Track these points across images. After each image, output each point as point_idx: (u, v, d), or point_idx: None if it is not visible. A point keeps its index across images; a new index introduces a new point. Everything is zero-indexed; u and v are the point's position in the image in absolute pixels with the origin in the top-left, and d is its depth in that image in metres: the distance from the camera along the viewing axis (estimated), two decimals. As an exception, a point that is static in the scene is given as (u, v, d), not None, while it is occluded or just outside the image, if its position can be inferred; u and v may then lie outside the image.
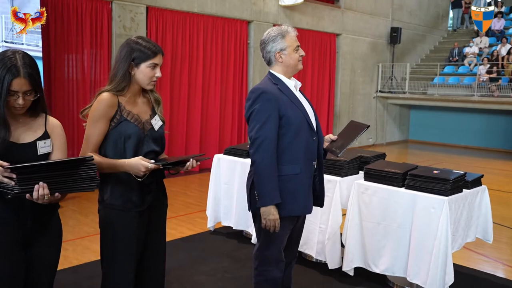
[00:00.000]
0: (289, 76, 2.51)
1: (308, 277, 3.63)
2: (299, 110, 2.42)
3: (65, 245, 4.10)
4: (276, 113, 2.34)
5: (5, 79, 1.74)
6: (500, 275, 3.88)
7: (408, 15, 13.41)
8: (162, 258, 2.31)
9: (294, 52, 2.46)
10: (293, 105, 2.41)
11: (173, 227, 4.78)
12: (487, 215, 3.56)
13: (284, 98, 2.40)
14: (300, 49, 2.51)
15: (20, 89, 1.76)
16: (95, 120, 2.04)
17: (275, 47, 2.45)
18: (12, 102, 1.78)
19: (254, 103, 2.37)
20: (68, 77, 6.47)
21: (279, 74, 2.49)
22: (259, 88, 2.40)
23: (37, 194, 1.67)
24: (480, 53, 13.17)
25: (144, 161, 2.00)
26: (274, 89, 2.40)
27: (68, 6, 6.35)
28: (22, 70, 1.76)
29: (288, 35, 2.46)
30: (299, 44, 2.50)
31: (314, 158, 2.50)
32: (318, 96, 10.63)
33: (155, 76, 2.11)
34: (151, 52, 2.08)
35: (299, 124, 2.39)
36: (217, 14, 8.23)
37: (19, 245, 1.86)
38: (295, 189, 2.41)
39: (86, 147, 2.06)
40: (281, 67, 2.48)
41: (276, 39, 2.45)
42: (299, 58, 2.49)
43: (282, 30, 2.46)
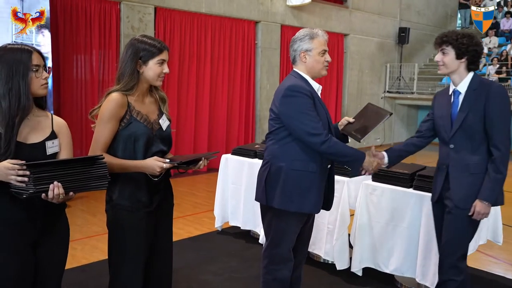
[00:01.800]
0: (313, 78, 2.53)
1: (316, 277, 3.62)
2: (324, 111, 2.46)
3: (73, 244, 4.15)
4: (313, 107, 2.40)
5: (22, 57, 1.79)
6: (510, 277, 3.84)
7: (416, 15, 13.34)
8: (169, 258, 2.32)
9: (319, 55, 2.47)
10: (319, 105, 2.44)
11: (181, 227, 4.79)
12: (497, 216, 3.53)
13: (315, 94, 2.46)
14: (327, 55, 2.50)
15: (40, 62, 1.84)
16: (106, 120, 2.04)
17: (301, 46, 2.48)
18: (37, 80, 1.82)
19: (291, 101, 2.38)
20: (77, 77, 6.51)
21: (304, 74, 2.50)
22: (296, 86, 2.40)
23: (52, 193, 1.69)
24: (489, 53, 13.07)
25: (159, 161, 2.01)
26: (307, 87, 2.43)
27: (77, 7, 6.39)
28: (32, 48, 1.84)
29: (317, 38, 2.47)
30: (326, 49, 2.50)
31: (330, 160, 2.52)
32: (325, 96, 10.60)
33: (163, 72, 2.12)
34: (157, 48, 2.09)
35: (323, 126, 2.40)
36: (225, 14, 8.25)
37: (29, 245, 1.87)
38: (309, 186, 2.42)
39: (96, 147, 2.05)
40: (305, 67, 2.50)
41: (304, 38, 2.48)
42: (324, 63, 2.49)
43: (312, 32, 2.49)
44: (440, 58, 2.53)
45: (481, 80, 2.52)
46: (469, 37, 2.50)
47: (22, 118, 1.79)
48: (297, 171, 2.41)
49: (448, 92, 2.61)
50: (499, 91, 2.46)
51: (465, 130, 2.47)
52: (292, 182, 2.41)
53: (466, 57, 2.49)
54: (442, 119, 2.60)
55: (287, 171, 2.42)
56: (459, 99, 2.54)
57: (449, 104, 2.58)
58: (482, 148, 2.48)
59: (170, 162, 2.03)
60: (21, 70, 1.78)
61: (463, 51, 2.47)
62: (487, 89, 2.45)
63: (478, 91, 2.47)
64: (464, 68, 2.52)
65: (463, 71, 2.53)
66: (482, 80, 2.54)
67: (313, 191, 2.44)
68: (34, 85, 1.82)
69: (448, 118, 2.56)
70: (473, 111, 2.46)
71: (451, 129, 2.53)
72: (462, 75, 2.53)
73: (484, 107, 2.43)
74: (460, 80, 2.53)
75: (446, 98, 2.61)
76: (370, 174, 2.54)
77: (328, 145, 2.34)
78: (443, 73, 2.56)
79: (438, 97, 2.70)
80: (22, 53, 1.80)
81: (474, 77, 2.53)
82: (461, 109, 2.50)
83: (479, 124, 2.45)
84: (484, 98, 2.43)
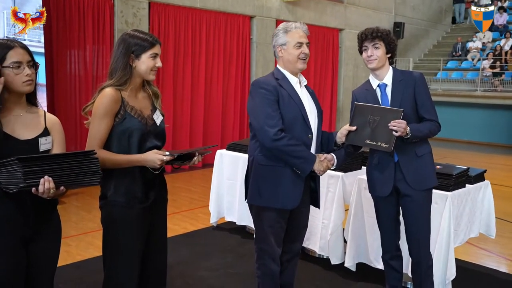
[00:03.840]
0: (292, 72, 2.50)
1: (311, 272, 3.64)
2: (296, 106, 2.41)
3: (68, 241, 4.15)
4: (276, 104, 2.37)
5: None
6: (503, 270, 3.88)
7: (411, 10, 13.34)
8: (164, 253, 2.32)
9: (294, 48, 2.43)
10: (291, 100, 2.41)
11: (176, 223, 4.80)
12: (490, 210, 3.55)
13: (283, 92, 2.41)
14: (304, 47, 2.45)
15: (22, 58, 1.79)
16: (101, 116, 2.02)
17: (277, 41, 2.49)
18: (19, 78, 1.78)
19: (254, 97, 2.42)
20: (71, 73, 6.48)
21: (282, 69, 2.51)
22: (259, 82, 2.45)
23: (43, 187, 1.68)
24: (483, 47, 13.11)
25: (159, 154, 2.02)
26: (273, 82, 2.42)
27: (70, 2, 6.35)
28: (16, 42, 1.81)
29: (291, 31, 2.44)
30: (303, 42, 2.44)
31: None
32: (320, 91, 10.61)
33: (156, 66, 2.11)
34: (149, 42, 2.09)
35: (292, 120, 2.39)
36: (220, 9, 8.21)
37: (21, 242, 1.86)
38: (279, 181, 2.41)
39: (93, 144, 2.03)
40: (283, 62, 2.50)
41: (278, 33, 2.49)
42: (299, 56, 2.44)
43: (286, 26, 2.47)
44: (373, 52, 2.61)
45: (401, 71, 2.69)
46: (392, 34, 2.69)
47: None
48: (264, 166, 2.42)
49: (371, 88, 2.70)
50: (422, 78, 2.66)
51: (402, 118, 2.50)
52: (261, 177, 2.43)
53: (391, 52, 2.66)
54: None
55: (256, 166, 2.45)
56: (387, 92, 2.64)
57: (375, 98, 2.66)
58: None
59: (170, 155, 2.04)
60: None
61: (392, 47, 2.64)
62: (412, 78, 2.62)
63: (404, 82, 2.62)
64: (388, 62, 2.68)
65: (387, 65, 2.68)
66: (402, 71, 2.69)
67: (286, 186, 2.41)
68: (15, 82, 1.78)
69: None
70: (405, 100, 2.59)
71: None
72: (386, 69, 2.67)
73: (414, 94, 2.60)
74: (385, 74, 2.66)
75: (370, 94, 2.68)
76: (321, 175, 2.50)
77: (278, 143, 2.31)
78: (375, 67, 2.63)
79: (359, 95, 2.74)
80: (2, 48, 1.76)
81: (394, 70, 2.69)
82: (393, 100, 2.61)
83: (411, 111, 2.58)
84: (413, 86, 2.60)
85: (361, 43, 2.65)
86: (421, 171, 2.63)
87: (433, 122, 2.63)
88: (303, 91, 2.53)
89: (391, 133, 2.45)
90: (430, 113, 2.64)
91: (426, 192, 2.67)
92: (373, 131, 2.52)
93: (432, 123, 2.62)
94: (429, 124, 2.61)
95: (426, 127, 2.60)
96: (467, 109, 12.29)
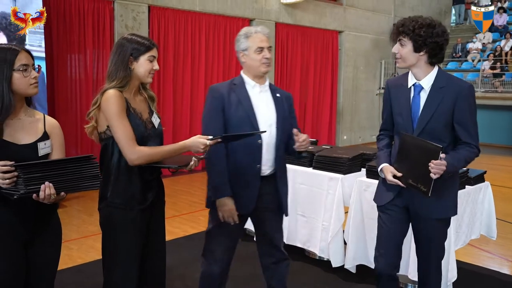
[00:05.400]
0: (253, 78, 2.46)
1: (311, 274, 3.63)
2: (244, 112, 2.39)
3: (69, 244, 4.15)
4: (219, 113, 2.39)
5: (7, 57, 1.78)
6: (505, 271, 3.86)
7: (411, 11, 13.34)
8: (163, 256, 2.32)
9: (255, 53, 2.39)
10: (239, 105, 2.39)
11: (177, 226, 4.80)
12: (491, 211, 3.55)
13: (233, 97, 2.40)
14: (265, 51, 2.40)
15: (29, 62, 1.83)
16: (120, 115, 2.00)
17: (239, 46, 2.45)
18: (27, 80, 1.82)
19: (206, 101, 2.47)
20: (71, 77, 6.50)
21: (244, 74, 2.49)
22: (210, 88, 2.48)
23: (43, 194, 1.69)
24: (483, 48, 13.12)
25: (202, 138, 2.07)
26: (224, 88, 2.43)
27: (70, 6, 6.37)
28: (19, 47, 1.85)
29: (252, 36, 2.40)
30: (264, 46, 2.40)
31: (257, 161, 2.43)
32: (320, 93, 10.62)
33: (153, 68, 2.12)
34: (147, 45, 2.10)
35: (239, 124, 2.37)
36: (219, 12, 8.23)
37: (21, 246, 1.86)
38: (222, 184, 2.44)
39: (128, 143, 1.99)
40: (245, 67, 2.48)
41: (240, 39, 2.44)
42: (262, 60, 2.40)
43: (247, 31, 2.43)
44: (398, 49, 2.24)
45: (449, 77, 2.24)
46: (428, 27, 2.15)
47: (4, 118, 1.78)
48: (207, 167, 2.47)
49: (406, 84, 2.30)
50: (471, 92, 2.21)
51: (429, 133, 2.20)
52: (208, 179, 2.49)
53: (425, 50, 2.18)
54: (401, 116, 2.31)
55: None
56: (420, 96, 2.25)
57: (408, 99, 2.28)
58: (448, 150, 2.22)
59: (213, 139, 2.08)
60: (4, 70, 1.77)
61: (421, 44, 2.16)
62: (457, 89, 2.18)
63: (445, 90, 2.19)
64: (425, 61, 2.22)
65: (425, 65, 2.23)
66: (450, 77, 2.25)
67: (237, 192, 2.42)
68: (23, 85, 1.82)
69: (409, 117, 2.28)
70: (439, 113, 2.18)
71: (413, 130, 2.26)
72: (424, 69, 2.23)
73: (454, 109, 2.17)
74: (423, 75, 2.24)
75: (404, 92, 2.30)
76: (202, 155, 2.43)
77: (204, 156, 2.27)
78: (402, 67, 2.26)
79: (393, 89, 2.37)
80: (7, 52, 1.79)
81: (439, 73, 2.24)
82: (424, 109, 2.22)
83: (443, 127, 2.20)
84: (454, 99, 2.17)
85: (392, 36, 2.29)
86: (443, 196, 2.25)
87: (472, 147, 2.20)
88: (263, 96, 2.48)
89: (429, 175, 2.07)
90: (470, 135, 2.20)
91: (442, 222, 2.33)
92: (414, 168, 2.18)
93: (470, 149, 2.20)
94: (467, 152, 2.19)
95: (463, 158, 2.18)
96: (468, 110, 12.26)
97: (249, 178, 2.44)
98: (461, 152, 2.19)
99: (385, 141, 2.47)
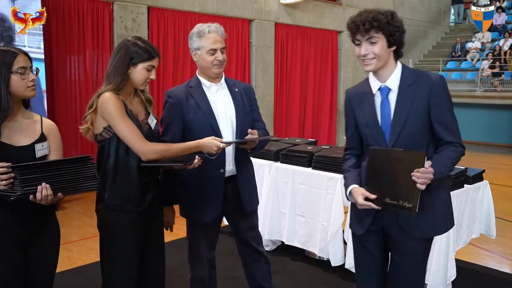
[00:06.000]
0: (208, 78, 2.41)
1: (311, 274, 3.64)
2: (203, 115, 2.34)
3: (69, 246, 4.15)
4: (178, 118, 2.35)
5: (5, 59, 1.78)
6: (505, 270, 3.87)
7: (410, 11, 13.36)
8: (162, 257, 2.33)
9: (207, 55, 2.33)
10: (198, 109, 2.35)
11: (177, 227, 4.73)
12: (489, 210, 3.55)
13: (191, 101, 2.36)
14: (218, 53, 2.33)
15: (27, 64, 1.83)
16: (121, 114, 2.00)
17: (191, 45, 2.39)
18: (25, 83, 1.82)
19: (163, 107, 2.42)
20: (70, 78, 6.51)
21: (199, 75, 2.46)
22: (167, 93, 2.43)
23: (40, 195, 1.69)
24: (482, 48, 13.12)
25: (216, 141, 2.10)
26: (181, 93, 2.38)
27: (70, 7, 6.38)
28: (18, 49, 1.85)
29: (205, 36, 2.32)
30: (216, 49, 2.32)
31: (221, 165, 2.39)
32: (320, 93, 10.63)
33: (149, 77, 2.11)
34: (149, 54, 2.08)
35: (200, 129, 2.30)
36: (218, 13, 8.24)
37: (19, 247, 1.87)
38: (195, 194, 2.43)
39: (138, 140, 1.99)
40: (198, 67, 2.43)
41: (192, 37, 2.37)
42: (213, 62, 2.33)
43: (200, 29, 2.35)
44: (369, 49, 1.88)
45: (416, 72, 1.98)
46: (396, 16, 1.93)
47: (1, 121, 1.79)
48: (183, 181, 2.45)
49: (370, 90, 1.99)
50: (443, 84, 1.93)
51: (408, 137, 1.90)
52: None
53: (396, 44, 1.92)
54: (369, 127, 1.98)
55: None
56: (389, 99, 1.94)
57: (374, 107, 1.97)
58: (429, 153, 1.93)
59: (226, 142, 2.13)
60: (3, 73, 1.77)
61: (397, 37, 1.90)
62: (428, 83, 1.90)
63: (415, 87, 1.91)
64: (393, 58, 1.95)
65: (392, 62, 1.95)
66: (416, 72, 1.99)
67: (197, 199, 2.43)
68: (20, 87, 1.82)
69: (378, 125, 1.95)
70: (414, 113, 1.89)
71: (388, 139, 1.93)
72: (390, 67, 1.95)
73: (429, 107, 1.89)
74: (389, 75, 1.94)
75: (368, 99, 1.99)
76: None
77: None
78: (375, 69, 1.92)
79: (355, 99, 2.05)
80: (5, 55, 1.79)
81: (404, 69, 1.97)
82: (397, 112, 1.91)
83: (420, 128, 1.91)
84: (428, 94, 1.89)
85: (353, 36, 1.96)
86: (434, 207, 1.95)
87: (456, 146, 1.92)
88: (220, 94, 2.44)
89: (414, 187, 1.79)
90: (452, 133, 1.92)
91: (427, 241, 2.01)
92: (392, 184, 1.87)
93: (455, 148, 1.91)
94: (452, 153, 1.90)
95: (449, 160, 1.90)
96: (467, 109, 12.29)
97: (212, 184, 2.40)
98: (446, 154, 1.90)
99: (352, 161, 2.12)
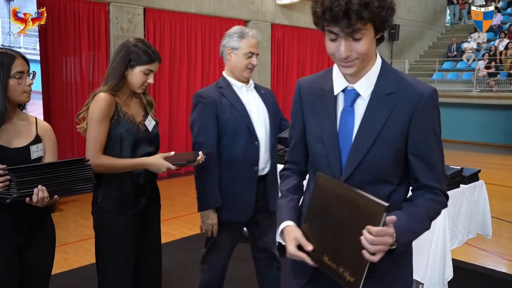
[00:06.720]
0: (237, 79, 2.43)
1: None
2: (238, 115, 2.36)
3: (66, 248, 4.14)
4: (213, 119, 2.34)
5: (4, 62, 1.76)
6: (502, 270, 3.88)
7: (406, 12, 13.41)
8: (158, 259, 2.31)
9: (244, 57, 2.37)
10: (233, 109, 2.36)
11: (174, 228, 4.79)
12: (485, 210, 3.56)
13: (225, 101, 2.37)
14: (254, 58, 2.39)
15: (24, 68, 1.81)
16: (98, 120, 2.00)
17: (229, 43, 2.39)
18: (22, 88, 1.80)
19: (193, 109, 2.40)
20: (67, 79, 6.48)
21: (227, 76, 2.46)
22: (196, 94, 2.42)
23: (37, 197, 1.68)
24: (478, 48, 13.18)
25: (166, 162, 2.02)
26: (214, 94, 2.38)
27: (65, 9, 6.36)
28: (16, 52, 1.82)
29: (246, 39, 2.37)
30: (254, 52, 2.39)
31: (255, 164, 2.41)
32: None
33: (147, 81, 2.10)
34: (148, 57, 2.08)
35: (235, 129, 2.34)
36: (215, 14, 8.24)
37: (15, 249, 1.86)
38: (229, 193, 2.40)
39: (93, 149, 2.00)
40: (229, 66, 2.44)
41: (233, 36, 2.39)
42: (247, 65, 2.38)
43: (243, 31, 2.39)
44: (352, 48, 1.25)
45: (400, 78, 1.34)
46: None
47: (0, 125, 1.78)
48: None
49: (330, 89, 1.39)
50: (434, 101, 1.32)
51: (371, 168, 1.31)
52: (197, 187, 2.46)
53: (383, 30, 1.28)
54: (322, 143, 1.38)
55: None
56: (354, 108, 1.34)
57: (333, 114, 1.36)
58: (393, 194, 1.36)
59: (176, 164, 2.05)
60: (1, 76, 1.75)
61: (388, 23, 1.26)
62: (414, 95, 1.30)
63: (396, 98, 1.30)
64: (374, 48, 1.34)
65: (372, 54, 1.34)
66: (400, 77, 1.35)
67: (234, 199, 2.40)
68: (16, 92, 1.80)
69: (335, 143, 1.35)
70: (388, 134, 1.30)
71: (345, 164, 1.33)
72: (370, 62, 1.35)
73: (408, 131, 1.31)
74: (362, 73, 1.34)
75: (327, 101, 1.38)
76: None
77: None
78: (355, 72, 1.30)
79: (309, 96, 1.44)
80: (4, 58, 1.77)
81: (385, 69, 1.36)
82: (362, 130, 1.32)
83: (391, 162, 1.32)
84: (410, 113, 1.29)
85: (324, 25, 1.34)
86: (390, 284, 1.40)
87: (436, 194, 1.35)
88: (251, 95, 2.47)
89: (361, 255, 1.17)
90: (434, 173, 1.35)
91: None
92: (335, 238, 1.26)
93: (435, 198, 1.35)
94: (430, 204, 1.34)
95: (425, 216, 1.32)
96: (463, 109, 12.33)
97: (246, 184, 2.41)
98: (422, 205, 1.33)
99: (293, 182, 1.54)
